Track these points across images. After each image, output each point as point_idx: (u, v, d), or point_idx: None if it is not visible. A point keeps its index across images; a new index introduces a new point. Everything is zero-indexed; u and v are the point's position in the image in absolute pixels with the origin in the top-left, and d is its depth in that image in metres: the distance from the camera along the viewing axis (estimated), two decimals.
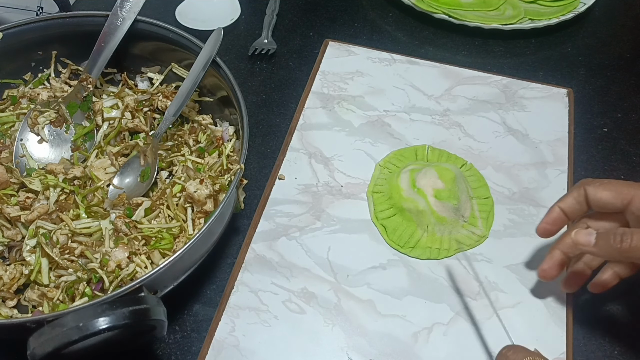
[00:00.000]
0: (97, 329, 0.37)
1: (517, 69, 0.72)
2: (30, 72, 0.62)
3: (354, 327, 0.50)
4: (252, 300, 0.51)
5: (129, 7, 0.58)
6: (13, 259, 0.51)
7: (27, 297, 0.48)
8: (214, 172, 0.53)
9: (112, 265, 0.47)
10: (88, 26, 0.59)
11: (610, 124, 0.66)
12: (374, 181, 0.59)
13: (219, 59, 0.55)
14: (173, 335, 0.50)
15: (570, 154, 0.62)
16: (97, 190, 0.53)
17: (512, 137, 0.63)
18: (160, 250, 0.49)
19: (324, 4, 0.79)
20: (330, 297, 0.51)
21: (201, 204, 0.50)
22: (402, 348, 0.49)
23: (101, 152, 0.57)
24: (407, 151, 0.62)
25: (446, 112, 0.66)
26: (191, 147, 0.57)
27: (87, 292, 0.47)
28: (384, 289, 0.52)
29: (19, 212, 0.51)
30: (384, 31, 0.76)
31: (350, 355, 0.48)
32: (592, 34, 0.76)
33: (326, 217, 0.57)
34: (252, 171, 0.61)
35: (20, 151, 0.56)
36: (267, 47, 0.72)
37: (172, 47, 0.59)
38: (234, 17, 0.76)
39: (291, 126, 0.64)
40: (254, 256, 0.54)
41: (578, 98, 0.68)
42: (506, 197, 0.59)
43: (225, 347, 0.48)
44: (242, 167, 0.49)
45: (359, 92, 0.67)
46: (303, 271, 0.53)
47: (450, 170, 0.57)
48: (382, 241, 0.55)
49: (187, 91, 0.55)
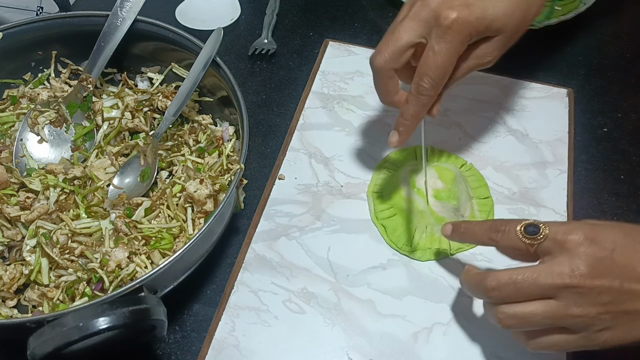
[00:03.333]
0: (97, 329, 0.37)
1: (517, 69, 0.71)
2: (30, 72, 0.62)
3: (354, 327, 0.50)
4: (252, 300, 0.51)
5: (129, 7, 0.58)
6: (13, 259, 0.51)
7: (27, 297, 0.49)
8: (214, 172, 0.53)
9: (112, 265, 0.47)
10: (88, 26, 0.59)
11: (610, 124, 0.66)
12: (374, 181, 0.59)
13: (219, 59, 0.55)
14: (173, 335, 0.50)
15: (570, 154, 0.62)
16: (97, 190, 0.53)
17: (512, 137, 0.63)
18: (160, 250, 0.49)
19: (324, 4, 0.79)
20: (330, 297, 0.51)
21: (201, 204, 0.50)
22: (402, 348, 0.49)
23: (101, 152, 0.57)
24: (407, 151, 0.62)
25: (446, 112, 0.65)
26: (191, 147, 0.57)
27: (87, 292, 0.47)
28: (384, 289, 0.52)
29: (19, 212, 0.51)
30: (384, 31, 0.75)
31: (350, 355, 0.48)
32: (592, 34, 0.76)
33: (326, 217, 0.57)
34: (252, 171, 0.61)
35: (20, 151, 0.56)
36: (267, 47, 0.72)
37: (172, 47, 0.59)
38: (234, 17, 0.76)
39: (291, 126, 0.64)
40: (254, 256, 0.54)
41: (578, 98, 0.68)
42: (506, 197, 0.58)
43: (225, 347, 0.48)
44: (242, 167, 0.49)
45: (359, 92, 0.67)
46: (303, 271, 0.53)
47: (450, 171, 0.57)
48: (382, 241, 0.55)
49: (187, 91, 0.55)
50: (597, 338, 0.41)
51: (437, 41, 0.45)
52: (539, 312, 0.41)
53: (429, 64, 0.46)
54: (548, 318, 0.41)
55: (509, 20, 0.47)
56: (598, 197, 0.59)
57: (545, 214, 0.57)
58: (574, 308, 0.40)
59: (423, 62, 0.47)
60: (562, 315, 0.40)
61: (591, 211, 0.58)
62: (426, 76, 0.47)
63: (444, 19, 0.45)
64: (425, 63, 0.46)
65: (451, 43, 0.45)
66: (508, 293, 0.41)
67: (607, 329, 0.40)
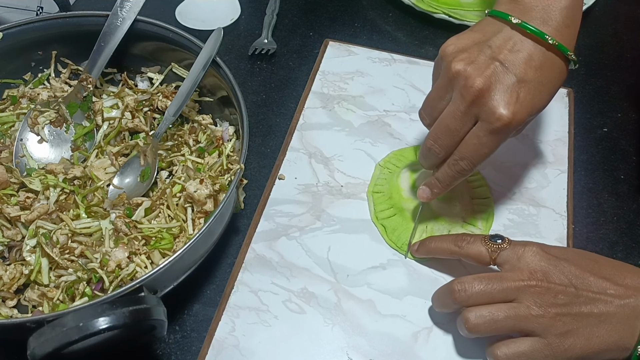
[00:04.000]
0: (97, 329, 0.37)
1: None
2: (30, 72, 0.62)
3: (354, 327, 0.50)
4: (252, 300, 0.51)
5: (129, 7, 0.58)
6: (13, 259, 0.51)
7: (27, 297, 0.48)
8: (214, 172, 0.53)
9: (112, 265, 0.47)
10: (88, 26, 0.59)
11: (610, 124, 0.66)
12: (374, 181, 0.59)
13: (219, 59, 0.55)
14: (173, 335, 0.50)
15: (570, 154, 0.62)
16: (97, 190, 0.53)
17: (512, 137, 0.63)
18: (160, 250, 0.49)
19: (324, 4, 0.79)
20: (330, 297, 0.51)
21: (201, 204, 0.50)
22: (402, 348, 0.49)
23: (101, 152, 0.57)
24: (407, 151, 0.62)
25: None
26: (191, 147, 0.57)
27: (87, 292, 0.47)
28: (384, 289, 0.52)
29: (19, 212, 0.51)
30: (384, 31, 0.76)
31: (350, 355, 0.48)
32: (592, 34, 0.76)
33: (326, 217, 0.57)
34: (252, 171, 0.61)
35: (20, 151, 0.56)
36: (267, 47, 0.72)
37: (172, 47, 0.59)
38: (234, 17, 0.76)
39: (291, 126, 0.64)
40: (254, 256, 0.54)
41: (578, 98, 0.68)
42: (506, 197, 0.58)
43: (225, 347, 0.48)
44: (242, 167, 0.49)
45: (359, 92, 0.67)
46: (303, 271, 0.53)
47: None
48: (382, 241, 0.55)
49: (187, 91, 0.55)
50: (561, 344, 0.43)
51: (486, 134, 0.45)
52: (502, 312, 0.44)
53: (472, 150, 0.46)
54: (511, 318, 0.44)
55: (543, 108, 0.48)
56: (598, 197, 0.59)
57: (545, 214, 0.57)
58: (534, 308, 0.43)
59: (466, 145, 0.47)
60: (524, 316, 0.43)
61: (591, 211, 0.58)
62: (467, 160, 0.47)
63: (497, 119, 0.44)
64: (468, 147, 0.46)
65: (499, 139, 0.46)
66: (473, 293, 0.45)
67: (569, 334, 0.43)
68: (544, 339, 0.43)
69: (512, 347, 0.44)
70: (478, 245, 0.48)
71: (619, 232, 0.57)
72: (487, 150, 0.46)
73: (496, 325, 0.44)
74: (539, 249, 0.45)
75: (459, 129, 0.46)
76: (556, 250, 0.46)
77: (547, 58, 0.46)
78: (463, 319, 0.45)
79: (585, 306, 0.43)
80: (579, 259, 0.46)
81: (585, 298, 0.43)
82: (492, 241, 0.47)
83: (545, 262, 0.45)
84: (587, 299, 0.43)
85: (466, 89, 0.44)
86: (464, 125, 0.46)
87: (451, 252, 0.50)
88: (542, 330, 0.43)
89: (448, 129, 0.46)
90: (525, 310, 0.43)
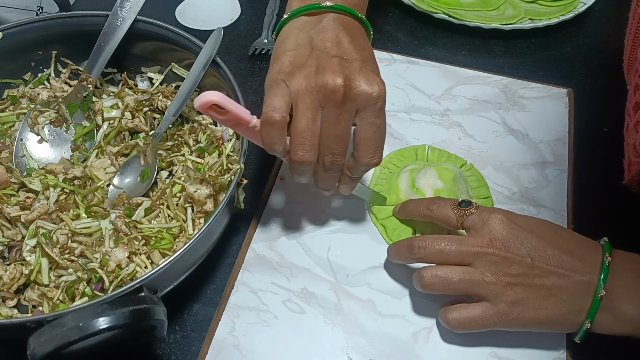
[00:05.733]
0: (97, 329, 0.37)
1: (517, 69, 0.72)
2: (30, 72, 0.62)
3: (354, 327, 0.50)
4: (252, 300, 0.51)
5: (129, 7, 0.58)
6: (13, 259, 0.51)
7: (27, 297, 0.48)
8: (214, 172, 0.53)
9: (112, 265, 0.47)
10: (88, 26, 0.59)
11: (610, 124, 0.66)
12: (374, 181, 0.59)
13: (219, 59, 0.55)
14: (173, 335, 0.50)
15: (570, 153, 0.62)
16: (97, 190, 0.53)
17: (512, 137, 0.63)
18: (160, 250, 0.49)
19: None
20: (330, 297, 0.51)
21: (201, 204, 0.50)
22: (402, 348, 0.49)
23: (101, 152, 0.57)
24: (407, 151, 0.62)
25: (446, 112, 0.66)
26: (191, 147, 0.57)
27: (87, 292, 0.47)
28: (384, 289, 0.52)
29: (19, 212, 0.51)
30: (384, 31, 0.76)
31: (350, 355, 0.48)
32: (592, 34, 0.76)
33: (326, 217, 0.57)
34: (252, 171, 0.61)
35: (20, 151, 0.56)
36: (267, 47, 0.72)
37: (172, 47, 0.59)
38: (234, 17, 0.76)
39: None
40: (254, 256, 0.54)
41: (578, 98, 0.68)
42: (506, 197, 0.59)
43: (225, 347, 0.48)
44: (242, 167, 0.49)
45: None
46: (303, 271, 0.53)
47: (450, 170, 0.57)
48: (382, 241, 0.55)
49: (187, 91, 0.55)
50: (510, 312, 0.45)
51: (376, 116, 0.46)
52: (456, 273, 0.46)
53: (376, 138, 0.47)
54: (464, 282, 0.46)
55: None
56: (598, 197, 0.59)
57: (545, 214, 0.57)
58: (488, 275, 0.45)
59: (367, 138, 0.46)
60: (477, 281, 0.45)
61: (591, 211, 0.58)
62: (379, 149, 0.48)
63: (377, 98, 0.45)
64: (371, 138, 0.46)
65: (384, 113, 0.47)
66: (432, 252, 0.47)
67: (518, 303, 0.45)
68: (494, 306, 0.45)
69: (464, 313, 0.46)
70: (447, 209, 0.49)
71: (618, 232, 0.57)
72: (384, 128, 0.47)
73: (449, 287, 0.46)
74: (504, 217, 0.47)
75: (346, 130, 0.45)
76: (522, 220, 0.47)
77: (353, 26, 0.48)
78: (419, 276, 0.47)
79: (538, 278, 0.45)
80: (543, 231, 0.47)
81: (540, 270, 0.45)
82: (460, 206, 0.49)
83: (507, 231, 0.46)
84: (542, 271, 0.45)
85: (334, 93, 0.43)
86: (347, 125, 0.45)
87: (424, 215, 0.52)
88: (492, 296, 0.45)
89: (338, 137, 0.45)
90: (479, 276, 0.45)
